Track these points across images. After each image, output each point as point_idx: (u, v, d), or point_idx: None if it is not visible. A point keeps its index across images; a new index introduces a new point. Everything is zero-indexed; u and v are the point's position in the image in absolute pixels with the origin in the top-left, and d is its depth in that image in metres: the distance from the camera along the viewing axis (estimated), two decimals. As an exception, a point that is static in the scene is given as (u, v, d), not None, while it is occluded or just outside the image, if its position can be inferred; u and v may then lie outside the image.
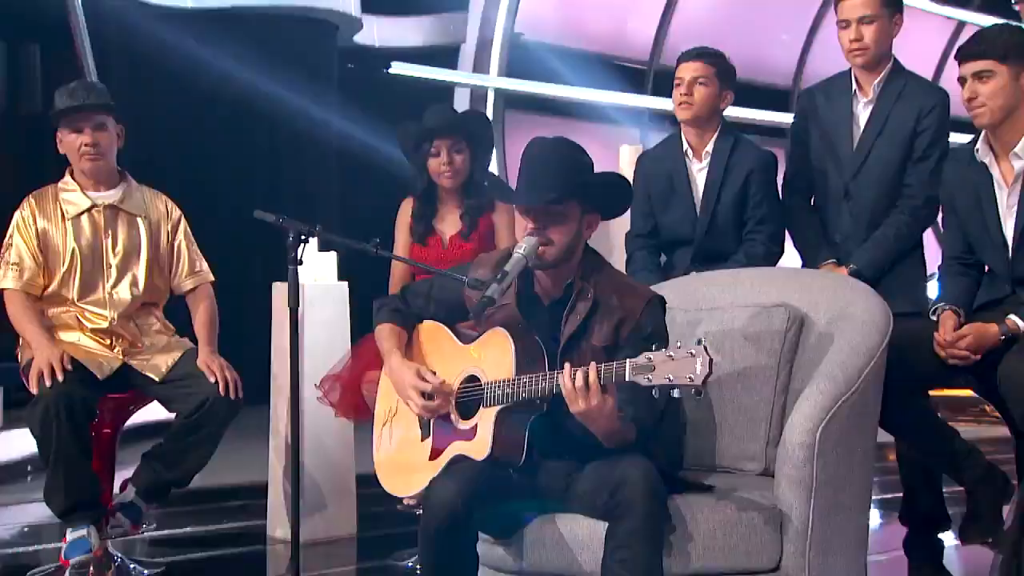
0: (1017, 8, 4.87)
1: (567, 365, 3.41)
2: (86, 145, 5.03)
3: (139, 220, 5.18)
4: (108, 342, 5.04)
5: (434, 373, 3.77)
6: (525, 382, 3.51)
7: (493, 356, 3.64)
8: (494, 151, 6.13)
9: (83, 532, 4.85)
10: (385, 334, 3.90)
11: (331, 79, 11.80)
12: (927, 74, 13.64)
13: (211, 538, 5.88)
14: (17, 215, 5.12)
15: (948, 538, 4.80)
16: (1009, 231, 4.27)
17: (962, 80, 4.23)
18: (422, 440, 3.78)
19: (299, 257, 3.97)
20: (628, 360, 3.33)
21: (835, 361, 3.81)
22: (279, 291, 5.86)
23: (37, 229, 5.06)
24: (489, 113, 13.17)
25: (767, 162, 5.05)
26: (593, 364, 3.38)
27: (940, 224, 4.73)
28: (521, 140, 13.16)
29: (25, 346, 5.02)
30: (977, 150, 4.31)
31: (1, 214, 9.07)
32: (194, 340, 5.18)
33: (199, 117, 10.38)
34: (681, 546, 3.44)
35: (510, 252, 3.69)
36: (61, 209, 5.10)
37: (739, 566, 3.58)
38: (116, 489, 5.11)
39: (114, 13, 9.82)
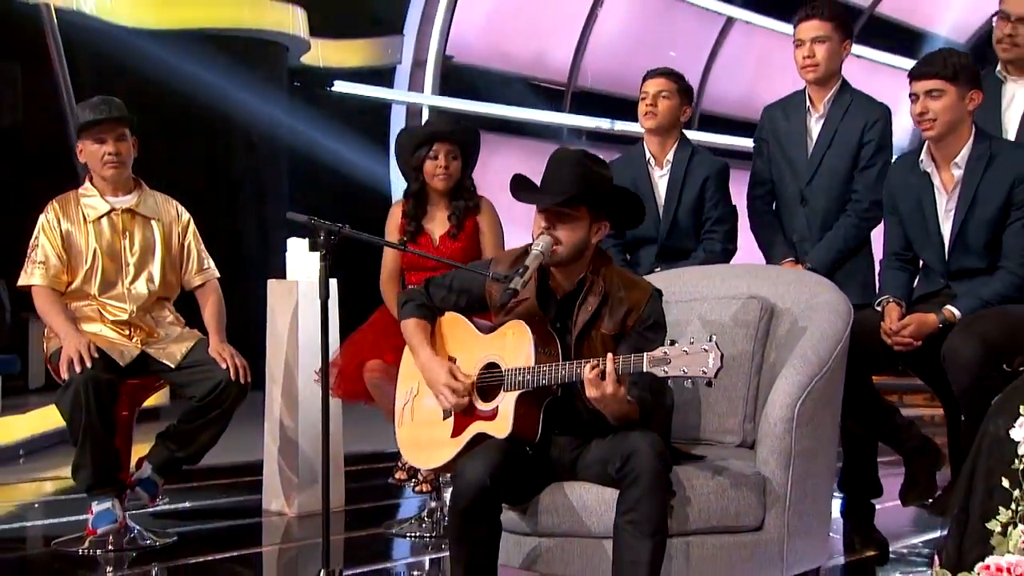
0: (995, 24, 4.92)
1: (601, 363, 3.44)
2: (109, 154, 5.04)
3: (153, 222, 5.19)
4: (127, 333, 5.04)
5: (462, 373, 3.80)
6: (545, 370, 3.54)
7: (513, 345, 3.66)
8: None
9: (108, 504, 4.89)
10: (411, 329, 3.90)
11: (281, 94, 11.76)
12: None
13: (212, 511, 5.87)
14: (42, 218, 5.10)
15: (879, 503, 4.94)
16: (947, 232, 4.37)
17: (914, 96, 4.31)
18: (444, 419, 3.79)
19: (328, 253, 3.99)
20: (646, 353, 3.38)
21: (808, 345, 3.86)
22: (274, 288, 5.88)
23: (61, 231, 5.05)
24: (425, 129, 13.27)
25: (721, 169, 5.14)
26: (611, 356, 3.41)
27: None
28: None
29: (51, 337, 5.02)
30: (921, 160, 4.40)
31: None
32: (203, 331, 5.19)
33: (164, 125, 10.29)
34: (680, 508, 3.50)
35: (527, 250, 3.71)
36: (83, 213, 5.10)
37: (729, 525, 3.64)
38: (132, 466, 5.12)
39: (87, 33, 9.72)
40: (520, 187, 3.72)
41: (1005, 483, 3.51)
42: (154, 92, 9.96)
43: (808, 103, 4.94)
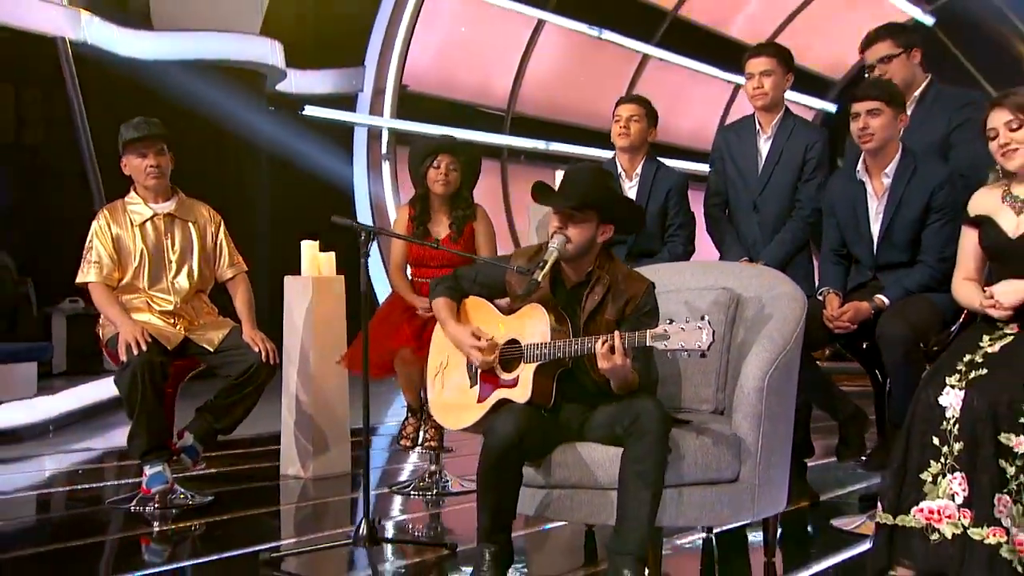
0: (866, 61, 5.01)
1: (610, 338, 3.50)
2: (151, 166, 5.06)
3: (190, 224, 5.21)
4: (172, 321, 5.06)
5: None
6: (559, 345, 3.60)
7: (531, 325, 3.71)
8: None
9: (160, 468, 4.90)
10: (441, 305, 3.95)
11: (263, 115, 11.71)
12: (715, 121, 14.09)
13: (238, 475, 5.88)
14: (95, 224, 5.10)
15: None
16: (876, 231, 4.49)
17: (856, 115, 4.41)
18: (470, 387, 3.85)
19: (369, 251, 4.04)
20: (648, 331, 3.45)
21: (773, 328, 3.93)
22: (290, 283, 5.90)
23: (112, 234, 5.06)
24: (383, 148, 13.22)
25: (682, 182, 5.20)
26: (618, 333, 3.49)
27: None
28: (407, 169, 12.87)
29: (106, 325, 5.03)
30: (858, 171, 4.51)
31: (9, 225, 8.91)
32: (234, 318, 5.20)
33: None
34: (674, 464, 3.55)
35: (541, 247, 3.78)
36: (129, 218, 5.11)
37: (712, 478, 3.70)
38: (174, 436, 5.11)
39: (96, 64, 9.63)
40: (540, 192, 3.80)
41: (935, 441, 3.63)
42: (154, 111, 9.94)
43: (757, 126, 5.04)
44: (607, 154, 15.04)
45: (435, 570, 4.09)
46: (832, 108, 15.44)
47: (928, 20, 14.60)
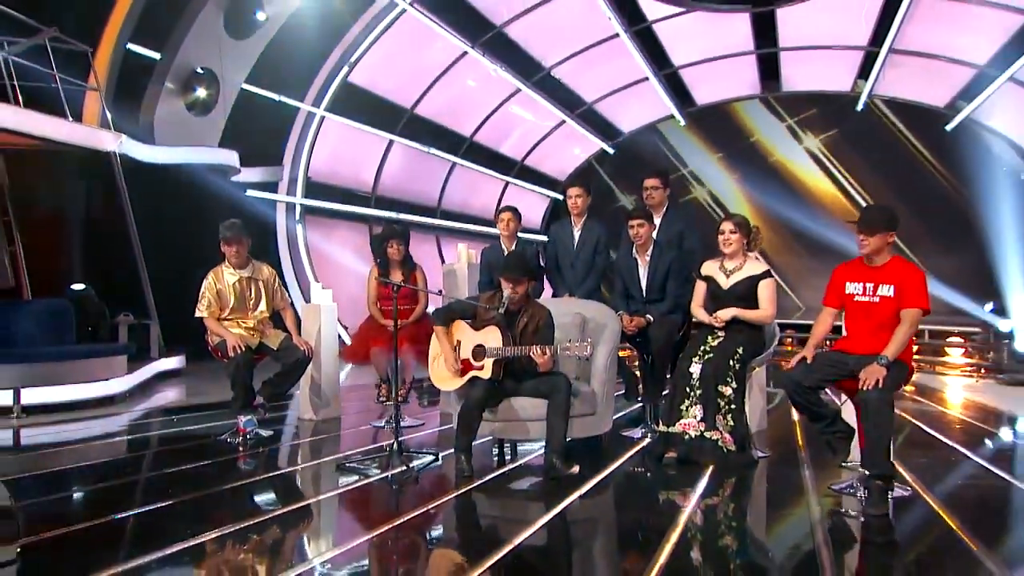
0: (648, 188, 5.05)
1: (542, 348, 3.94)
2: (235, 253, 5.19)
3: (260, 280, 5.35)
4: (251, 332, 5.22)
5: (457, 355, 4.12)
6: (507, 349, 4.05)
7: (491, 336, 4.15)
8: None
9: (251, 416, 5.06)
10: (439, 331, 4.27)
11: (224, 199, 11.53)
12: (494, 203, 14.61)
13: (273, 420, 5.88)
14: (205, 281, 5.22)
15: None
16: (644, 283, 5.02)
17: (632, 225, 4.85)
18: (454, 368, 4.24)
19: (396, 294, 4.39)
20: (558, 344, 3.96)
21: (608, 334, 4.51)
22: (306, 309, 5.96)
23: (216, 287, 5.18)
24: (296, 216, 13.13)
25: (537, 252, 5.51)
26: (548, 346, 3.95)
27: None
28: (316, 233, 12.98)
29: (214, 335, 5.14)
30: (632, 252, 5.05)
31: (87, 268, 8.57)
32: (283, 330, 5.38)
33: (173, 209, 10.02)
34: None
35: (494, 295, 4.20)
36: (225, 277, 5.24)
37: (585, 412, 4.29)
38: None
39: (130, 165, 9.33)
40: (499, 269, 4.31)
41: (688, 390, 4.32)
42: (163, 194, 9.78)
43: (572, 223, 5.34)
44: (427, 220, 14.87)
45: (431, 468, 4.35)
46: (560, 197, 16.22)
47: (611, 150, 15.79)
